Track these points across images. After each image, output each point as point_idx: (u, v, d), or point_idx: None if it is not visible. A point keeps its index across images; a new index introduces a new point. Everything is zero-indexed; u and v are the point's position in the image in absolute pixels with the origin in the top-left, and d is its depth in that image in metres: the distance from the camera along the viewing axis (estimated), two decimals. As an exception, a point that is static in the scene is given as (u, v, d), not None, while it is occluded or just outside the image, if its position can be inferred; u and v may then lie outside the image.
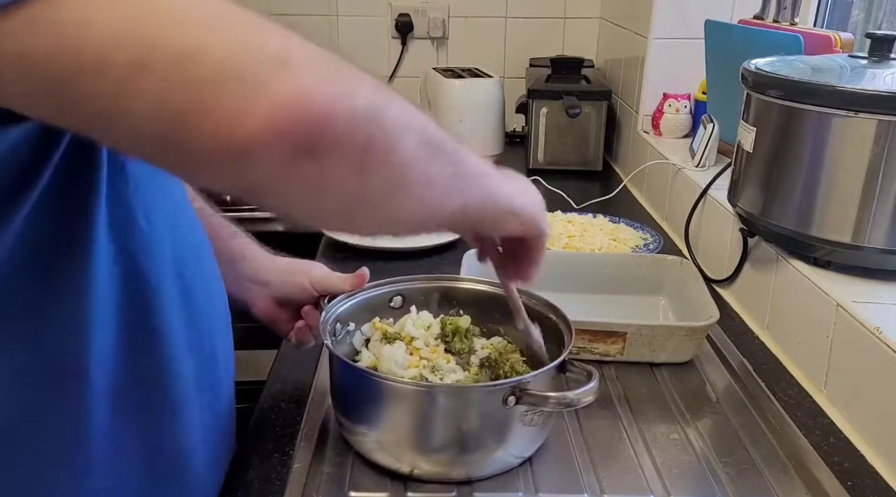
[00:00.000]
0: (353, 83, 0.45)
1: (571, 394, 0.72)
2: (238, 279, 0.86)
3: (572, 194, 1.62)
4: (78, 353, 0.56)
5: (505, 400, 0.72)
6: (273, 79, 0.40)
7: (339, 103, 0.42)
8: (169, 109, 0.39)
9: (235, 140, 0.40)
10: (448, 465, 0.76)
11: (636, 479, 0.79)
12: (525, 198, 0.66)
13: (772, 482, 0.79)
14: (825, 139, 0.93)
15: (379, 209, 0.51)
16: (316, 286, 0.87)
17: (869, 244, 0.93)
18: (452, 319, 0.87)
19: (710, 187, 1.28)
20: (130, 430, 0.61)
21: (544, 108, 1.81)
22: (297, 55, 0.43)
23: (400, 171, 0.48)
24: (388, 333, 0.85)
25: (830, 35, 1.24)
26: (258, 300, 0.88)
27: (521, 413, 0.74)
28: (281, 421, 0.86)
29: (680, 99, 1.63)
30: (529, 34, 2.16)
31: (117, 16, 0.39)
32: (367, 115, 0.44)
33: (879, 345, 0.81)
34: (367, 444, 0.79)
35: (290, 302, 0.88)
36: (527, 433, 0.77)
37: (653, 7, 1.62)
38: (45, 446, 0.57)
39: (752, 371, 0.98)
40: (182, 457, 0.67)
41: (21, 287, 0.53)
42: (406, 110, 0.49)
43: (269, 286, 0.87)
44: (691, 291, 1.08)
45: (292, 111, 0.40)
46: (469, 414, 0.74)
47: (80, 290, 0.55)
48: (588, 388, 0.72)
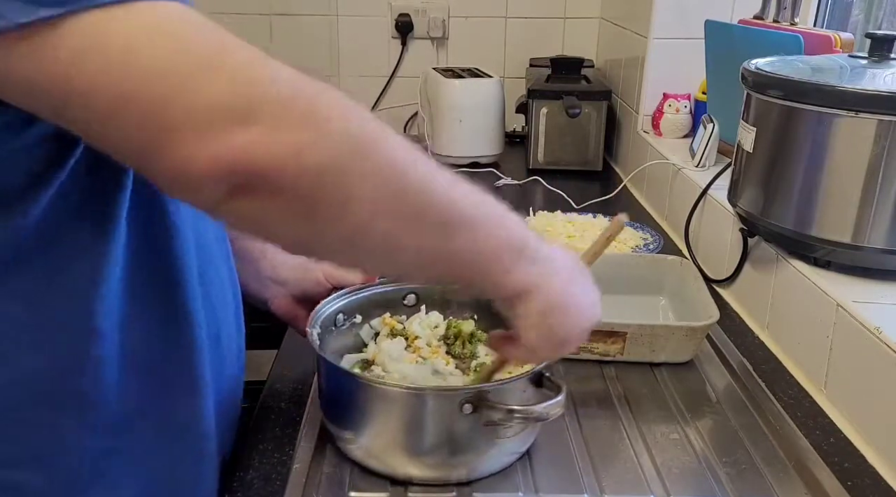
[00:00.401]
0: (318, 139, 0.49)
1: (538, 407, 0.71)
2: (258, 277, 0.90)
3: (572, 194, 1.62)
4: (92, 314, 0.60)
5: (461, 406, 0.71)
6: (225, 133, 0.46)
7: (291, 159, 0.48)
8: (136, 146, 0.48)
9: (186, 176, 0.47)
10: (437, 468, 0.76)
11: (636, 479, 0.79)
12: (555, 317, 0.63)
13: (772, 482, 0.79)
14: (825, 139, 0.93)
15: (341, 254, 0.56)
16: (329, 279, 0.90)
17: (869, 244, 0.92)
18: (457, 323, 0.87)
19: (710, 187, 1.28)
20: (146, 393, 0.64)
21: (544, 108, 1.81)
22: (267, 110, 0.47)
23: (356, 231, 0.52)
24: (395, 329, 0.86)
25: (830, 35, 1.24)
26: (276, 298, 0.90)
27: (483, 424, 0.72)
28: (281, 421, 0.86)
29: (680, 99, 1.63)
30: (529, 34, 2.16)
31: (102, 62, 0.45)
32: (317, 173, 0.49)
33: (879, 345, 0.81)
34: (348, 445, 0.79)
35: (306, 298, 0.90)
36: (502, 444, 0.76)
37: (653, 7, 1.62)
38: (60, 404, 0.60)
39: (752, 371, 0.98)
40: (195, 421, 0.70)
41: (46, 252, 0.57)
42: (383, 173, 0.51)
43: (287, 284, 0.90)
44: (691, 291, 1.08)
45: (232, 162, 0.47)
46: (428, 419, 0.73)
47: (101, 254, 0.60)
48: (554, 401, 0.71)
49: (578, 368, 0.99)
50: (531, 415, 0.72)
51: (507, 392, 0.73)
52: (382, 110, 2.21)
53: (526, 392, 0.75)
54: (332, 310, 0.85)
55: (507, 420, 0.72)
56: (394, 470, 0.76)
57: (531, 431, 0.79)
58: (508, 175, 1.79)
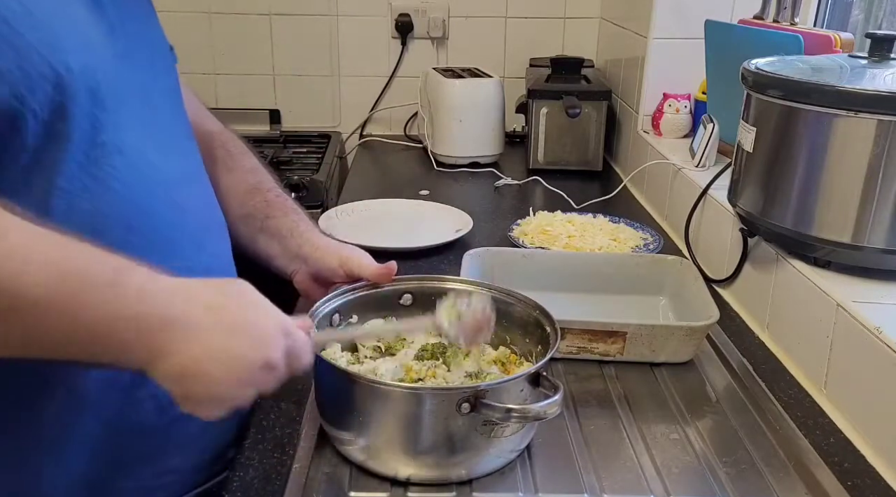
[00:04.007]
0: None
1: (535, 407, 0.72)
2: (285, 253, 0.96)
3: (572, 194, 1.62)
4: None
5: (458, 406, 0.71)
6: None
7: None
8: None
9: None
10: (436, 468, 0.76)
11: (636, 479, 0.79)
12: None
13: (772, 482, 0.79)
14: (825, 139, 0.93)
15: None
16: (343, 266, 0.93)
17: (869, 244, 0.92)
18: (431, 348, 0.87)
19: (710, 187, 1.28)
20: None
21: (544, 108, 1.81)
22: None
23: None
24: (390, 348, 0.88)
25: (830, 35, 1.24)
26: (297, 273, 0.96)
27: (480, 424, 0.72)
28: (281, 421, 0.86)
29: (680, 99, 1.63)
30: (529, 34, 2.16)
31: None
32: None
33: (879, 345, 0.81)
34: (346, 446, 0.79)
35: (322, 279, 0.95)
36: (499, 443, 0.76)
37: (653, 7, 1.62)
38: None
39: (752, 371, 0.98)
40: None
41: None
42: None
43: (307, 262, 0.95)
44: (691, 291, 1.08)
45: None
46: (431, 418, 0.73)
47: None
48: (552, 401, 0.71)
49: (578, 368, 0.99)
50: (528, 414, 0.72)
51: (504, 391, 0.73)
52: (382, 110, 2.21)
53: (523, 391, 0.76)
54: (329, 310, 0.86)
55: (504, 419, 0.72)
56: (395, 471, 0.76)
57: (529, 429, 0.79)
58: (508, 175, 1.79)
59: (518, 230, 1.39)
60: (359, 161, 2.06)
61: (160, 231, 0.77)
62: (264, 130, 2.17)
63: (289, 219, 0.98)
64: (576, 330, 0.97)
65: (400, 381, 0.81)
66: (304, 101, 2.20)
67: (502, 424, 0.73)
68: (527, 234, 1.37)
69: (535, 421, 0.75)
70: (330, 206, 1.63)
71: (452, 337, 0.79)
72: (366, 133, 2.22)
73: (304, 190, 1.72)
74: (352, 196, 1.64)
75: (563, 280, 1.15)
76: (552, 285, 1.11)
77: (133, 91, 0.76)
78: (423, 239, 1.35)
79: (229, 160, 1.02)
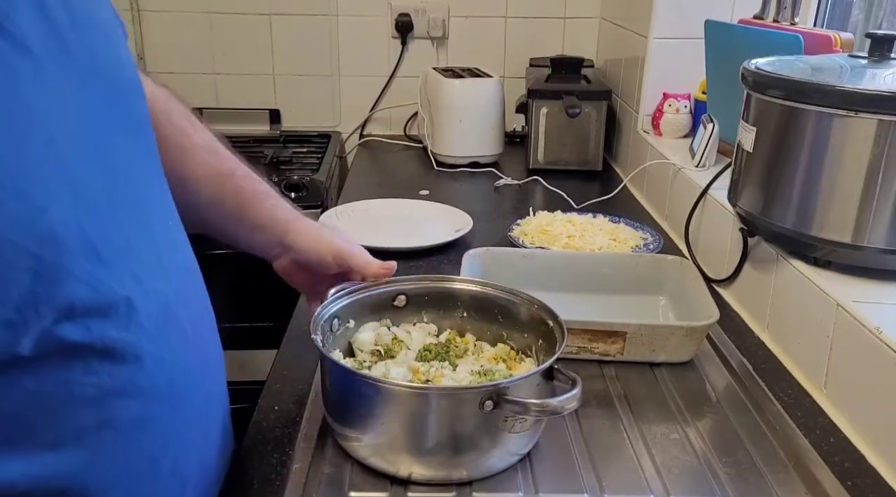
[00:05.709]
0: None
1: (554, 401, 0.72)
2: (266, 242, 0.90)
3: (572, 194, 1.62)
4: None
5: (482, 404, 0.71)
6: None
7: None
8: None
9: None
10: (440, 467, 0.76)
11: (636, 479, 0.79)
12: None
13: (772, 482, 0.79)
14: (825, 139, 0.93)
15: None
16: (337, 260, 0.89)
17: (869, 244, 0.93)
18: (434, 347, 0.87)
19: (710, 187, 1.28)
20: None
21: (544, 108, 1.81)
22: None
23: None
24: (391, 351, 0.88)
25: (830, 35, 1.24)
26: (278, 259, 0.91)
27: (501, 420, 0.73)
28: (281, 421, 0.86)
29: (680, 99, 1.63)
30: (529, 34, 2.16)
31: None
32: None
33: (879, 345, 0.81)
34: (351, 442, 0.79)
35: (308, 268, 0.90)
36: (514, 438, 0.76)
37: (653, 7, 1.62)
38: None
39: (752, 371, 0.98)
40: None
41: None
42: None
43: (292, 250, 0.89)
44: (691, 291, 1.09)
45: None
46: (447, 417, 0.74)
47: None
48: (571, 395, 0.72)
49: (578, 368, 0.98)
50: (547, 408, 0.72)
51: (522, 387, 0.73)
52: (382, 110, 2.21)
53: (539, 386, 0.76)
54: (329, 315, 0.85)
55: (525, 414, 0.72)
56: (396, 469, 0.76)
57: (535, 432, 0.79)
58: (508, 175, 1.79)
59: (518, 230, 1.39)
60: (359, 161, 2.06)
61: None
62: (264, 130, 2.17)
63: (265, 206, 0.90)
64: (576, 330, 0.97)
65: (409, 382, 0.81)
66: (304, 101, 2.20)
67: (521, 420, 0.73)
68: (527, 234, 1.37)
69: (554, 415, 0.75)
70: (330, 206, 1.64)
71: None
72: (366, 133, 2.22)
73: (304, 190, 1.72)
74: (352, 196, 1.64)
75: (563, 280, 1.15)
76: (552, 285, 1.11)
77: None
78: (423, 239, 1.35)
79: (183, 139, 0.87)
